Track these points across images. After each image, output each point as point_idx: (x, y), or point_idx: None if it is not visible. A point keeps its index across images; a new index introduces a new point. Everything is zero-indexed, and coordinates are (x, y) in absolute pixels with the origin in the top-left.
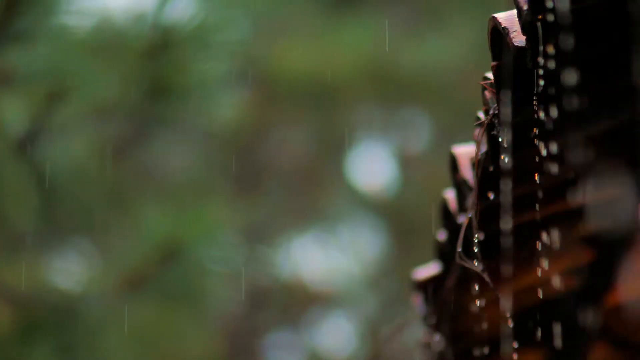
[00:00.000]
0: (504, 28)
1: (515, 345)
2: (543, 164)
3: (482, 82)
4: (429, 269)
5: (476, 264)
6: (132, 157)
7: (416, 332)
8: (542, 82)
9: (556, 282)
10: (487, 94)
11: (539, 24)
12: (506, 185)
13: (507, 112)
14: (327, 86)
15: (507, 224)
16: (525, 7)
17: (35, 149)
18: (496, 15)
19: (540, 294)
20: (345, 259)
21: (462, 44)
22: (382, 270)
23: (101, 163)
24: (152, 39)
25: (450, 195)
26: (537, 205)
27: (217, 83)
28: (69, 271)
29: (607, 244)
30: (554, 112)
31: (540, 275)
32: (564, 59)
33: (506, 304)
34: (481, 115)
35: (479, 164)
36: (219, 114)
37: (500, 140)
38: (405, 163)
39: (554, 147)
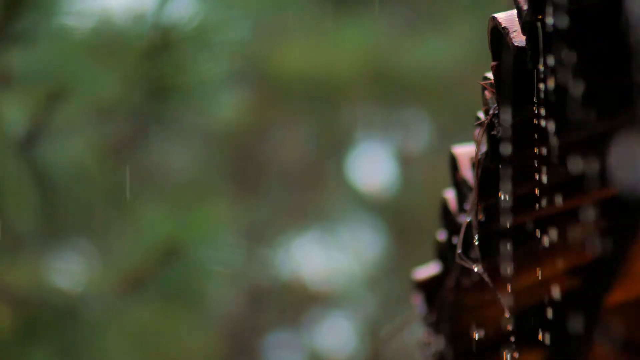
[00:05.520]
0: (504, 28)
1: (515, 345)
2: (543, 163)
3: (482, 82)
4: (429, 269)
5: (476, 263)
6: (132, 157)
7: (416, 332)
8: (542, 82)
9: (556, 282)
10: (487, 94)
11: (539, 24)
12: (506, 185)
13: (507, 112)
14: (327, 86)
15: (507, 224)
16: (525, 7)
17: (35, 149)
18: (496, 15)
19: (540, 294)
20: (345, 259)
21: (462, 44)
22: (382, 270)
23: (101, 163)
24: (152, 39)
25: (450, 195)
26: (537, 205)
27: (217, 83)
28: (69, 271)
29: (607, 243)
30: (554, 111)
31: (540, 275)
32: (563, 59)
33: (506, 304)
34: (481, 115)
35: (479, 164)
36: (219, 114)
37: (500, 140)
38: (405, 163)
39: (554, 147)
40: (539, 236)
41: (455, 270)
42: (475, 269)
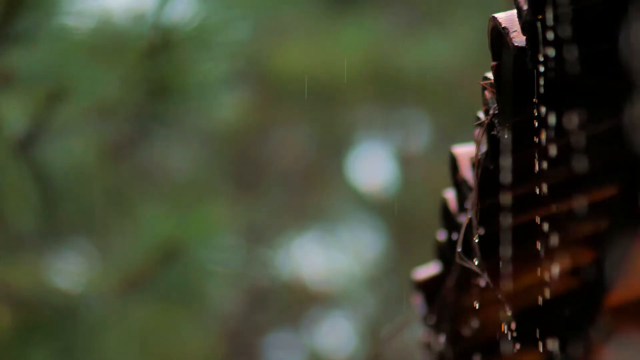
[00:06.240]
0: (504, 28)
1: (516, 345)
2: (543, 163)
3: (482, 82)
4: (429, 269)
5: (476, 264)
6: (132, 157)
7: (416, 332)
8: (542, 82)
9: (556, 282)
10: (487, 94)
11: (539, 24)
12: (506, 185)
13: (507, 112)
14: (327, 86)
15: (507, 224)
16: (525, 7)
17: (35, 149)
18: (496, 15)
19: (540, 294)
20: (345, 259)
21: (462, 44)
22: (382, 270)
23: (101, 163)
24: (152, 39)
25: (450, 195)
26: (537, 205)
27: (217, 83)
28: (69, 271)
29: (607, 243)
30: (554, 111)
31: (540, 275)
32: (563, 58)
33: (506, 304)
34: (481, 115)
35: (479, 164)
36: (219, 114)
37: (500, 140)
38: (405, 163)
39: (553, 147)
40: (539, 236)
41: (455, 270)
42: (475, 269)
